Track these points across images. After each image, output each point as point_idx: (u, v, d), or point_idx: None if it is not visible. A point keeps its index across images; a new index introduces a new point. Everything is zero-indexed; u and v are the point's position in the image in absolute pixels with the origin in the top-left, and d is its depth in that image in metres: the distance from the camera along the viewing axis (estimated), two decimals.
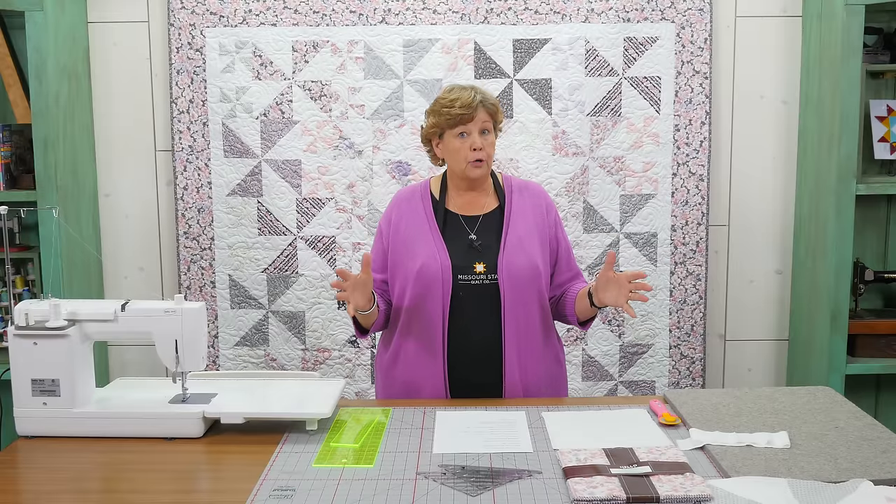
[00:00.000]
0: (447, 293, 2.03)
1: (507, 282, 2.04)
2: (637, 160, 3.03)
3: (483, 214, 2.13)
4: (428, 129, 2.11)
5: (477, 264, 2.05)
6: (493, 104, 2.08)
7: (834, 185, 2.78)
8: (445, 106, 2.04)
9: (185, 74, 3.01)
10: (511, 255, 2.05)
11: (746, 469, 1.56)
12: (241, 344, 3.11)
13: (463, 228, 2.11)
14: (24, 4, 2.70)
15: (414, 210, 2.13)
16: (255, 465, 1.63)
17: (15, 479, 1.63)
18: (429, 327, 2.06)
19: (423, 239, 2.08)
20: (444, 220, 2.11)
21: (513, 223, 2.10)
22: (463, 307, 2.05)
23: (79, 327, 1.83)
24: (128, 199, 3.13)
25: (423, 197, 2.15)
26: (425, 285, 2.04)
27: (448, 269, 2.04)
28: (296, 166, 3.03)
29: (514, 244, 2.07)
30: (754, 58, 3.06)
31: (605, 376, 3.11)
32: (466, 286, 2.05)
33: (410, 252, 2.08)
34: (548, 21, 2.98)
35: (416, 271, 2.04)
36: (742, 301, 3.17)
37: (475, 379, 2.07)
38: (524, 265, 2.05)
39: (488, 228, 2.11)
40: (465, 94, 2.04)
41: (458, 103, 2.02)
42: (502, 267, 2.04)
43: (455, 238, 2.09)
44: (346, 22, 2.98)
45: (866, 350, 2.92)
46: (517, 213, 2.12)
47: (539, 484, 1.53)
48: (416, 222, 2.11)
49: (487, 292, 2.05)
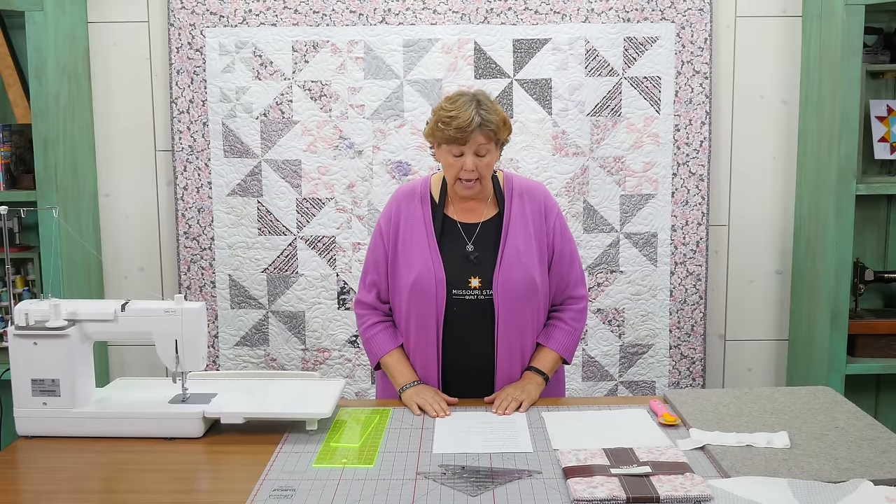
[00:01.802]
0: (441, 307, 2.00)
1: (501, 298, 1.99)
2: (637, 160, 3.03)
3: (482, 223, 2.07)
4: (427, 132, 2.04)
5: (472, 279, 2.01)
6: (494, 128, 1.92)
7: (834, 185, 2.78)
8: (442, 120, 1.92)
9: (185, 74, 3.01)
10: (507, 270, 2.00)
11: (746, 469, 1.56)
12: (241, 344, 3.11)
13: (460, 237, 2.05)
14: (24, 4, 2.70)
15: (413, 213, 2.07)
16: (255, 465, 1.63)
17: (15, 479, 1.63)
18: (423, 338, 2.04)
19: (420, 248, 2.03)
20: (442, 226, 2.06)
21: (511, 234, 2.04)
22: (457, 320, 2.02)
23: (79, 327, 1.83)
24: (128, 199, 3.13)
25: (422, 199, 2.09)
26: (419, 297, 2.01)
27: (442, 283, 2.00)
28: (296, 166, 3.03)
29: (511, 258, 2.01)
30: (754, 58, 3.06)
31: (605, 376, 3.11)
32: (461, 301, 2.01)
33: (407, 260, 2.04)
34: (548, 21, 2.98)
35: (411, 283, 2.01)
36: (742, 301, 3.17)
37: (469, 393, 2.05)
38: (520, 281, 2.00)
39: (486, 237, 2.05)
40: (464, 114, 1.89)
41: (455, 123, 1.89)
42: (497, 283, 2.00)
43: (451, 248, 2.04)
44: (346, 22, 2.98)
45: (866, 350, 2.91)
46: (516, 222, 2.05)
47: (539, 484, 1.53)
48: (415, 227, 2.06)
49: (482, 307, 2.01)
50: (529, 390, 2.00)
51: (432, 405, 1.94)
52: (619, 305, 3.08)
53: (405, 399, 2.00)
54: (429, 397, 1.97)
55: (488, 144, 1.94)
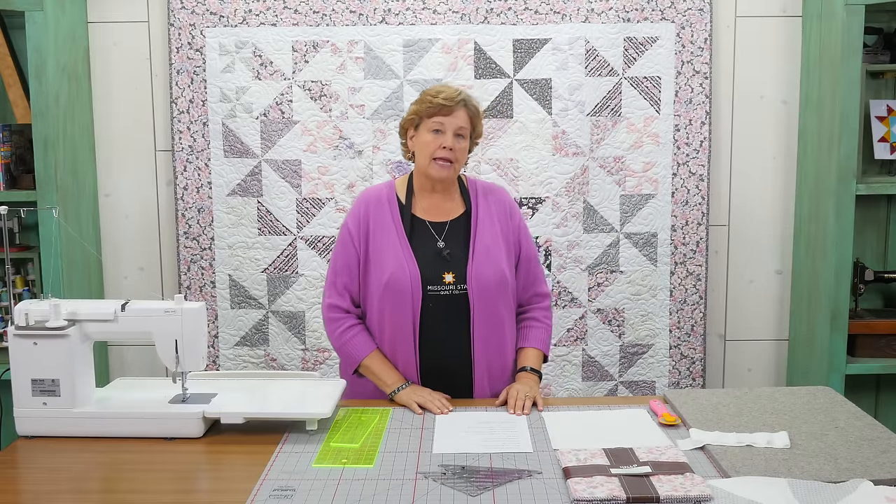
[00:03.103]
0: (417, 304, 2.01)
1: (476, 291, 2.03)
2: (637, 160, 3.03)
3: (450, 220, 2.10)
4: (406, 118, 2.10)
5: (446, 274, 2.04)
6: (476, 108, 2.08)
7: (834, 185, 2.78)
8: (430, 94, 2.05)
9: (185, 74, 3.01)
10: (480, 264, 2.04)
11: (746, 469, 1.56)
12: (241, 344, 3.11)
13: (430, 235, 2.08)
14: (24, 4, 2.70)
15: (381, 214, 2.09)
16: (255, 465, 1.63)
17: (15, 479, 1.63)
18: (400, 337, 2.04)
19: (391, 247, 2.05)
20: (411, 225, 2.08)
21: (479, 230, 2.09)
22: (433, 317, 2.03)
23: (79, 327, 1.83)
24: (128, 199, 3.13)
25: (389, 200, 2.11)
26: (394, 296, 2.02)
27: (417, 280, 2.01)
28: (296, 166, 3.03)
29: (482, 253, 2.05)
30: (754, 58, 3.06)
31: (605, 376, 3.11)
32: (436, 297, 2.03)
33: (378, 261, 2.05)
34: (548, 21, 2.98)
35: (385, 282, 2.02)
36: (742, 301, 3.17)
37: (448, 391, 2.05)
38: (493, 274, 2.04)
39: (455, 235, 2.09)
40: (450, 90, 2.05)
41: (442, 95, 2.03)
42: (471, 277, 2.03)
43: (423, 246, 2.06)
44: (346, 22, 2.98)
45: (866, 350, 2.92)
46: (483, 220, 2.10)
47: (539, 484, 1.53)
48: (384, 228, 2.08)
49: (457, 302, 2.04)
50: (534, 388, 2.03)
51: (433, 401, 1.95)
52: (619, 305, 3.08)
53: (401, 400, 2.00)
54: (427, 394, 1.98)
55: (467, 128, 2.06)
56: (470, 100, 2.07)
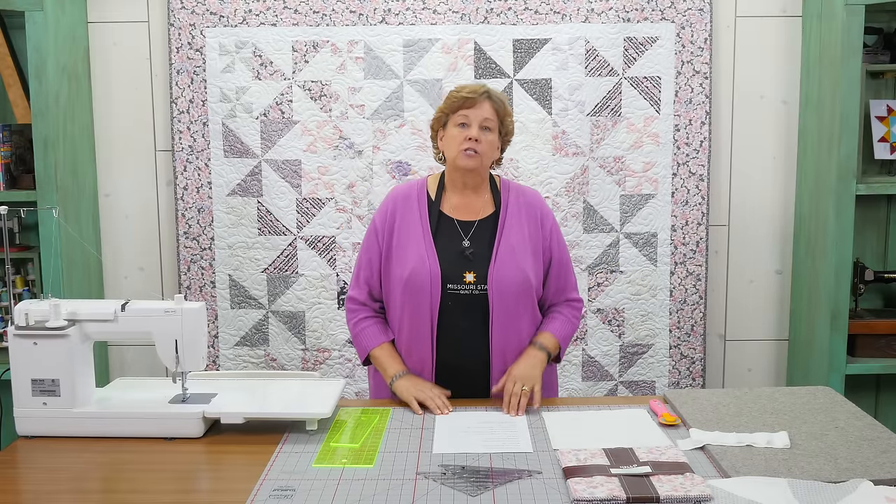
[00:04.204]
0: (436, 302, 2.01)
1: (496, 293, 2.00)
2: (637, 160, 3.03)
3: (478, 220, 2.09)
4: (434, 118, 2.13)
5: (467, 273, 2.02)
6: (501, 102, 2.07)
7: (834, 185, 2.78)
8: (454, 90, 2.07)
9: (185, 74, 3.01)
10: (502, 266, 2.02)
11: (746, 469, 1.56)
12: (241, 344, 3.11)
13: (457, 233, 2.07)
14: (24, 4, 2.70)
15: (409, 210, 2.09)
16: (255, 465, 1.63)
17: (15, 479, 1.63)
18: (417, 334, 2.04)
19: (415, 243, 2.04)
20: (438, 222, 2.08)
21: (506, 232, 2.06)
22: (452, 315, 2.02)
23: (79, 327, 1.83)
24: (128, 199, 3.13)
25: (419, 196, 2.11)
26: (414, 292, 2.01)
27: (437, 277, 2.00)
28: (296, 166, 3.03)
29: (506, 254, 2.03)
30: (754, 58, 3.06)
31: (605, 376, 3.11)
32: (455, 296, 2.02)
33: (401, 256, 2.05)
34: (548, 21, 2.98)
35: (406, 278, 2.01)
36: (742, 301, 3.17)
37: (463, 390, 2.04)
38: (515, 276, 2.01)
39: (482, 235, 2.07)
40: (474, 84, 2.09)
41: (466, 89, 2.05)
42: (492, 278, 2.01)
43: (447, 244, 2.05)
44: (346, 22, 2.98)
45: (866, 350, 2.92)
46: (512, 222, 2.08)
47: (539, 484, 1.53)
48: (410, 223, 2.07)
49: (477, 302, 2.02)
50: (534, 375, 1.98)
51: (434, 400, 1.94)
52: (619, 305, 3.08)
53: (399, 389, 2.00)
54: (427, 390, 1.97)
55: (493, 120, 2.05)
56: (495, 93, 2.07)
